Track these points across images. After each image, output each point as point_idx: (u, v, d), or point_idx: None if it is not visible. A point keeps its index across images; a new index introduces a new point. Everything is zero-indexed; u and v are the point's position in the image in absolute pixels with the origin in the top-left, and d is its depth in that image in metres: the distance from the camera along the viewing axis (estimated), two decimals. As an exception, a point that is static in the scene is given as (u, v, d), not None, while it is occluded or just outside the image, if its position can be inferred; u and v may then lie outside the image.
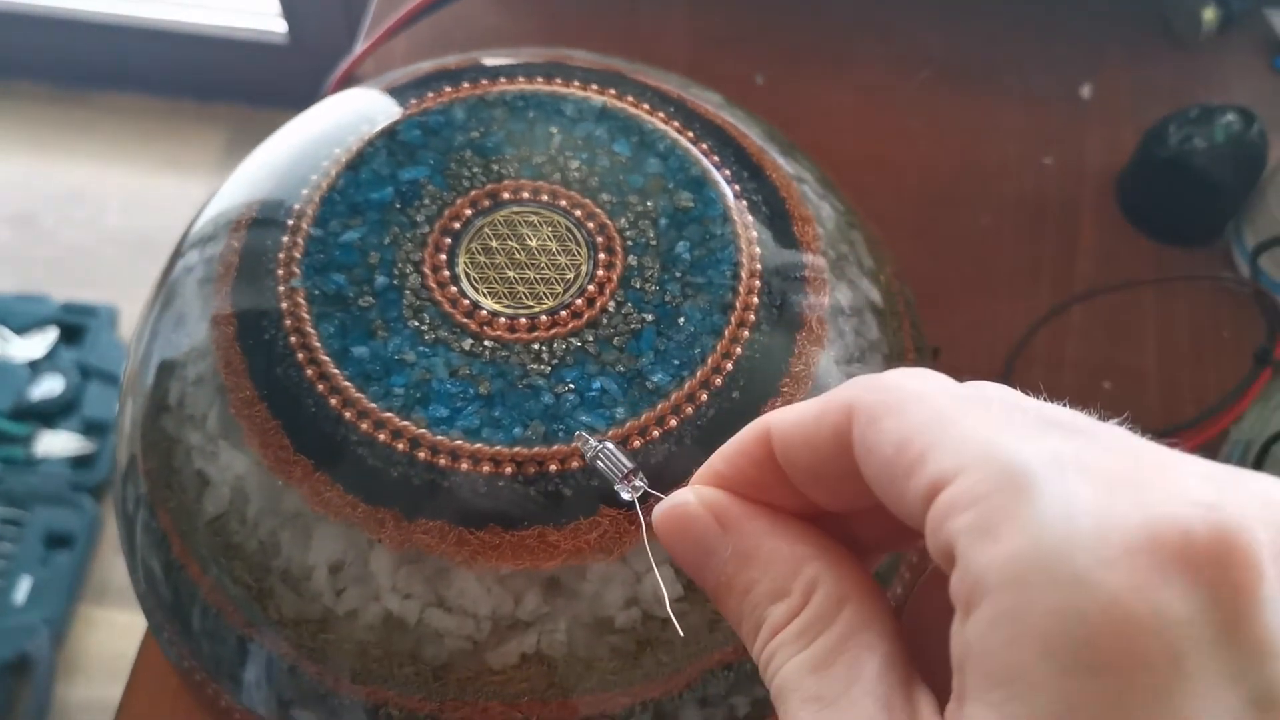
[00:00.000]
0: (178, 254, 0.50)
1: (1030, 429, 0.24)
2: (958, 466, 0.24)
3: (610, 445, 0.37)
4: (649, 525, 0.32)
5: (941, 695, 0.25)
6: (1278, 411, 0.62)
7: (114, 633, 1.58)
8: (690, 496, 0.30)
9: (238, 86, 2.11)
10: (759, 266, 0.45)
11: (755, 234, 0.45)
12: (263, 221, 0.46)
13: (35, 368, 1.76)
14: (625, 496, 0.36)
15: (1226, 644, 0.22)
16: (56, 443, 1.70)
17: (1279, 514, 0.23)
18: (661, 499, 0.31)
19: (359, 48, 0.75)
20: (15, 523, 1.62)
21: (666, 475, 0.41)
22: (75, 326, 1.82)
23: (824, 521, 0.30)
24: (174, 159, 2.09)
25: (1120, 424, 0.26)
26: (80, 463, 1.68)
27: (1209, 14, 0.81)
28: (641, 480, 0.36)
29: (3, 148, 2.10)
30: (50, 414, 1.72)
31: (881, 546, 0.31)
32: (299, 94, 0.74)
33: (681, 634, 0.41)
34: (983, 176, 0.80)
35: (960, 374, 0.28)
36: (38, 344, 1.78)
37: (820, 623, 0.27)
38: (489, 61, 0.52)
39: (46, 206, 2.01)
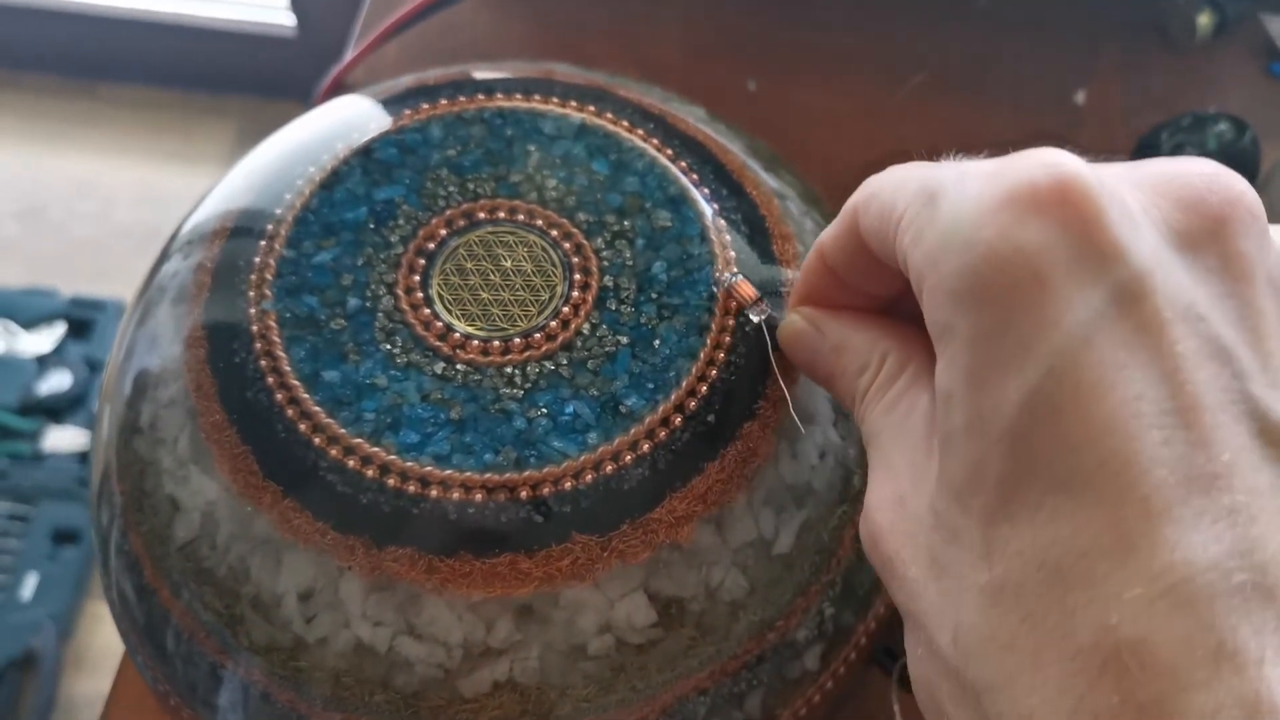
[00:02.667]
0: (162, 259, 0.50)
1: (947, 167, 0.31)
2: (905, 204, 0.32)
3: (740, 276, 0.44)
4: (773, 340, 0.42)
5: None
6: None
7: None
8: (795, 317, 0.40)
9: (247, 79, 2.12)
10: (736, 287, 0.44)
11: (734, 253, 0.45)
12: (237, 238, 0.46)
13: (43, 362, 1.76)
14: (755, 319, 0.43)
15: (1081, 257, 0.27)
16: (64, 438, 1.70)
17: (1120, 171, 0.30)
18: (780, 319, 0.41)
19: (349, 54, 0.75)
20: (22, 518, 1.63)
21: (642, 503, 0.41)
22: (83, 321, 1.82)
23: (893, 309, 0.38)
24: (183, 152, 2.10)
25: None
26: (88, 458, 1.68)
27: (1204, 19, 0.81)
28: (767, 305, 0.43)
29: (12, 140, 2.11)
30: (58, 409, 1.73)
31: None
32: (307, 86, 0.74)
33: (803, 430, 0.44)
34: (976, 184, 0.79)
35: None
36: (45, 338, 1.79)
37: (890, 380, 0.35)
38: (470, 76, 0.51)
39: (55, 200, 2.01)
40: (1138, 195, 0.29)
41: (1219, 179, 0.29)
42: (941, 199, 0.30)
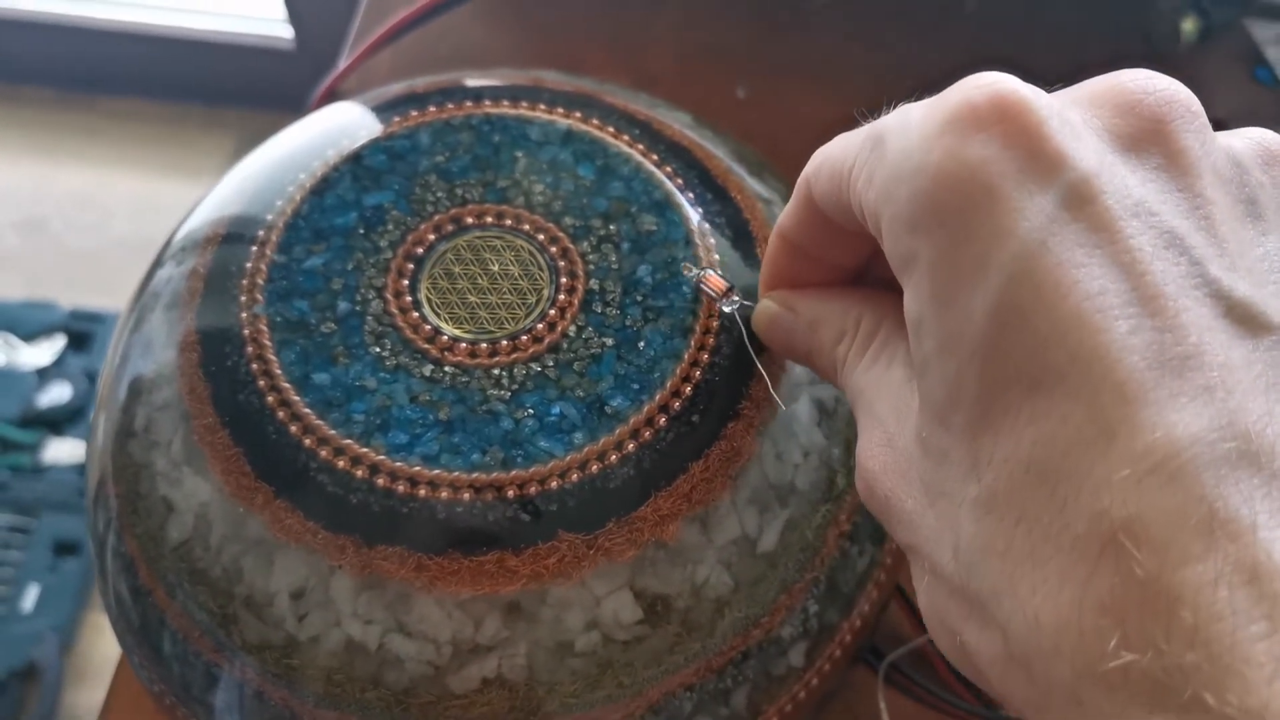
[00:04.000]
0: (155, 266, 0.50)
1: (888, 115, 0.32)
2: (853, 156, 0.33)
3: (710, 270, 0.45)
4: (749, 330, 0.43)
5: None
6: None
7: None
8: (767, 302, 0.41)
9: (245, 92, 2.12)
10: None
11: (717, 257, 0.46)
12: (229, 244, 0.46)
13: (43, 375, 1.77)
14: (726, 310, 0.44)
15: (1027, 167, 0.28)
16: (64, 450, 1.71)
17: (1057, 93, 0.30)
18: (753, 306, 0.42)
19: (342, 63, 0.75)
20: (23, 530, 1.63)
21: (627, 501, 0.41)
22: (83, 333, 1.83)
23: (862, 278, 0.39)
24: (181, 164, 2.10)
25: None
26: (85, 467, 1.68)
27: (1189, 25, 0.81)
28: (738, 295, 0.44)
29: (11, 153, 2.11)
30: (58, 421, 1.73)
31: None
32: (305, 98, 0.75)
33: (783, 406, 0.45)
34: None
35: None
36: (45, 351, 1.79)
37: (867, 339, 0.36)
38: (458, 84, 0.52)
39: (54, 212, 2.02)
40: (1076, 110, 0.30)
41: (1153, 80, 0.30)
42: (887, 138, 0.31)
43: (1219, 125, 0.66)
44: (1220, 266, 0.28)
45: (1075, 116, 0.29)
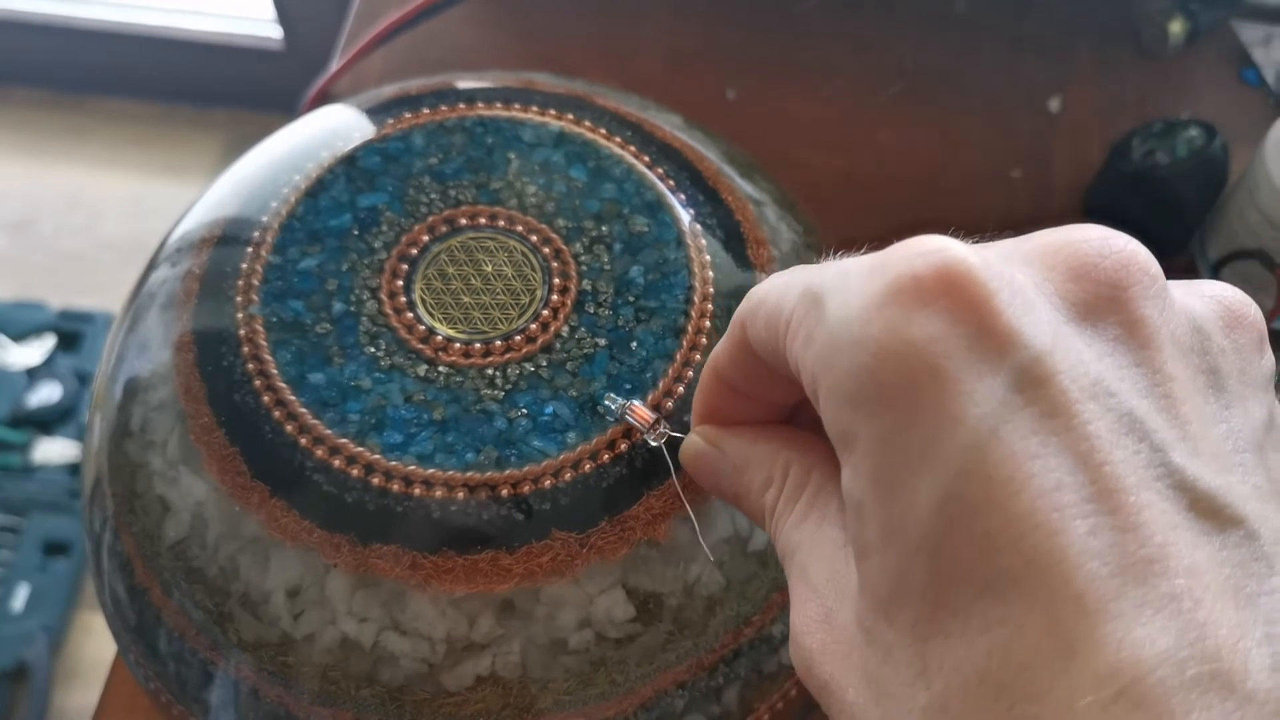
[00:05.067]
0: (150, 268, 0.50)
1: (830, 266, 0.30)
2: (791, 308, 0.30)
3: (635, 403, 0.42)
4: (675, 462, 0.40)
5: None
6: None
7: (111, 640, 1.59)
8: (695, 437, 0.38)
9: (234, 92, 2.12)
10: (712, 290, 0.45)
11: (709, 257, 0.46)
12: (224, 245, 0.47)
13: (32, 375, 1.76)
14: (653, 443, 0.42)
15: (976, 345, 0.26)
16: (54, 450, 1.70)
17: (1006, 249, 0.29)
18: (682, 438, 0.39)
19: (334, 65, 0.76)
20: (13, 530, 1.63)
21: (620, 500, 0.42)
22: (72, 333, 1.82)
23: (798, 415, 0.37)
24: (171, 165, 2.10)
25: None
26: (78, 470, 1.68)
27: (1177, 27, 0.82)
28: (665, 426, 0.42)
29: (0, 154, 2.11)
30: (47, 421, 1.73)
31: None
32: (294, 100, 0.75)
33: (711, 557, 0.43)
34: (951, 190, 0.80)
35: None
36: (35, 351, 1.79)
37: (796, 491, 0.34)
38: (451, 86, 0.52)
39: (44, 213, 2.01)
40: (1028, 271, 0.28)
41: (1110, 243, 0.28)
42: (826, 298, 0.29)
43: (1207, 129, 0.66)
44: (1183, 453, 0.26)
45: (1027, 283, 0.27)
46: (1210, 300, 0.30)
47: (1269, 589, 0.25)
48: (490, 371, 0.43)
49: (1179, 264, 0.76)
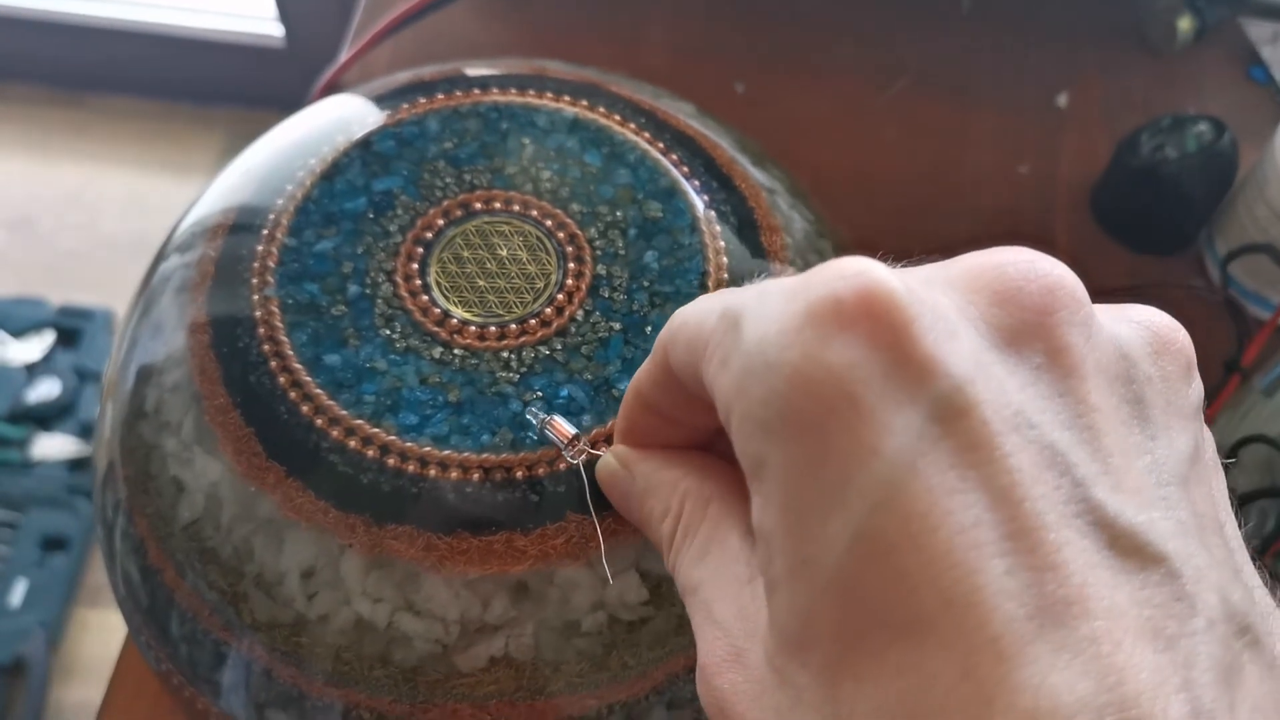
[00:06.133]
0: (159, 259, 0.50)
1: (751, 288, 0.29)
2: (710, 331, 0.29)
3: (557, 417, 0.41)
4: (591, 481, 0.40)
5: None
6: (1246, 419, 0.62)
7: (109, 635, 1.59)
8: (609, 457, 0.38)
9: (235, 90, 2.12)
10: (726, 276, 0.45)
11: (723, 244, 0.46)
12: (239, 230, 0.47)
13: (32, 371, 1.76)
14: (571, 460, 0.40)
15: (894, 373, 0.25)
16: (53, 446, 1.70)
17: (931, 272, 0.28)
18: (600, 456, 0.39)
19: (343, 57, 0.76)
20: (11, 525, 1.63)
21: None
22: (72, 330, 1.82)
23: (716, 443, 0.36)
24: (171, 162, 2.10)
25: None
26: (76, 466, 1.68)
27: (1184, 24, 0.82)
28: (585, 444, 0.40)
29: (0, 151, 2.11)
30: (46, 417, 1.73)
31: None
32: (295, 97, 0.75)
33: (610, 580, 0.42)
34: (959, 186, 0.81)
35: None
36: (34, 347, 1.79)
37: (693, 523, 0.33)
38: (465, 73, 0.53)
39: (43, 210, 2.02)
40: (952, 295, 0.27)
41: (1036, 266, 0.27)
42: (744, 321, 0.28)
43: (1216, 124, 0.66)
44: (1105, 487, 0.25)
45: (949, 307, 0.26)
46: (1138, 326, 0.29)
47: (1189, 630, 0.24)
48: (505, 355, 0.43)
49: (1187, 258, 0.76)
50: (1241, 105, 0.83)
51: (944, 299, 0.27)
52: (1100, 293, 0.28)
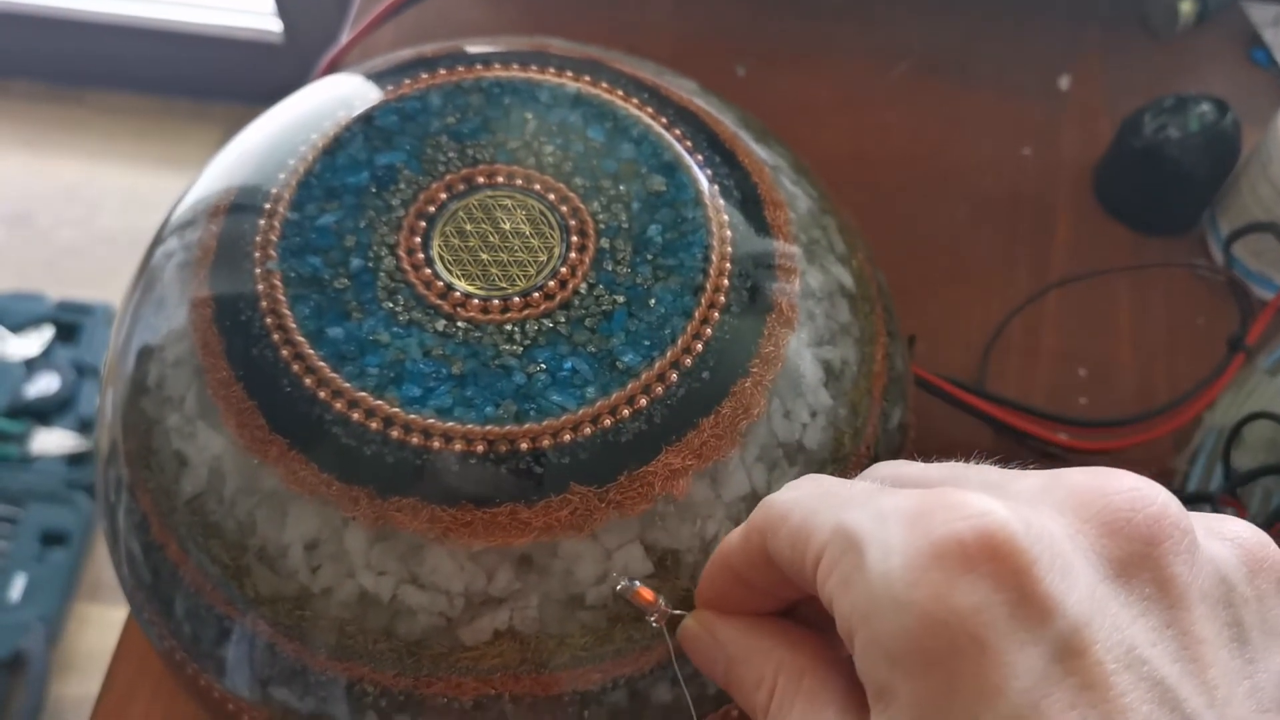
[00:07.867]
0: (158, 241, 0.50)
1: (866, 496, 0.31)
2: (823, 544, 0.31)
3: (638, 582, 0.41)
4: (675, 643, 0.41)
5: None
6: (1250, 398, 0.62)
7: (108, 630, 1.59)
8: (692, 622, 0.39)
9: (233, 85, 2.12)
10: (730, 250, 0.45)
11: (727, 218, 0.46)
12: (240, 207, 0.47)
13: (31, 366, 1.77)
14: (654, 624, 0.41)
15: (1017, 616, 0.26)
16: (52, 440, 1.70)
17: (1035, 492, 0.30)
18: (683, 616, 0.40)
19: (344, 38, 0.75)
20: (10, 520, 1.63)
21: (638, 456, 0.41)
22: (71, 325, 1.83)
23: (797, 608, 0.38)
24: (169, 157, 2.10)
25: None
26: (75, 460, 1.68)
27: (1186, 6, 0.82)
28: (668, 607, 0.41)
29: (-1, 147, 2.11)
30: (46, 412, 1.73)
31: None
32: (293, 92, 0.75)
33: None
34: (961, 168, 0.80)
35: (940, 363, 0.32)
36: (33, 342, 1.79)
37: (787, 696, 0.34)
38: (467, 49, 0.52)
39: (42, 205, 2.02)
40: (1060, 521, 0.29)
41: (1141, 494, 0.29)
42: (866, 549, 0.29)
43: (1219, 104, 0.66)
44: None
45: (1062, 537, 0.28)
46: (1231, 545, 0.30)
47: None
48: (509, 327, 0.43)
49: (1190, 238, 0.76)
50: (1243, 88, 0.83)
51: (1055, 528, 0.28)
52: (1103, 273, 0.29)
